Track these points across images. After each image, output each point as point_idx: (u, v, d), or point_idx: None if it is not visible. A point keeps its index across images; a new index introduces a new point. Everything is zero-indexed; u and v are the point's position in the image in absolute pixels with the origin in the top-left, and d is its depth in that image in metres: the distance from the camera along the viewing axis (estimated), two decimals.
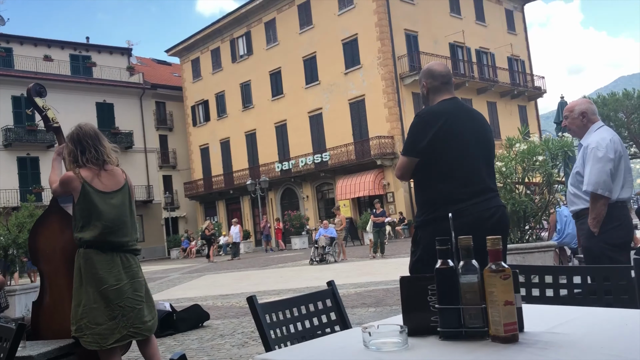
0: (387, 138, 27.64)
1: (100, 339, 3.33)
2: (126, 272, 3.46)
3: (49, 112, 3.95)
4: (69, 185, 3.43)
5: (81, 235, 3.39)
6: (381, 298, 7.80)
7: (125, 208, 3.56)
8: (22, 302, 7.61)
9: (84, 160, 3.47)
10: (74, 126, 3.62)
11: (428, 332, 1.54)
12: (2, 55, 34.19)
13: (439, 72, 2.90)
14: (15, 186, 31.57)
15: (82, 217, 3.40)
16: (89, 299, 3.33)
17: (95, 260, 3.37)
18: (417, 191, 2.88)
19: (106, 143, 3.60)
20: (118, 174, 3.59)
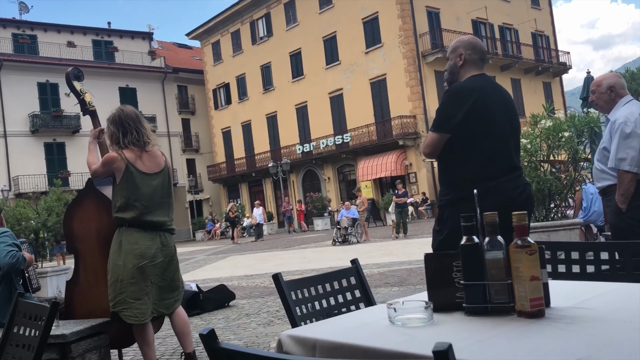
0: (409, 118, 27.41)
1: (139, 313, 3.46)
2: (163, 251, 3.57)
3: (86, 96, 4.04)
4: (112, 166, 3.50)
5: (122, 215, 3.48)
6: (405, 278, 7.81)
7: (165, 189, 3.65)
8: (53, 284, 7.82)
9: (126, 142, 3.54)
10: (115, 109, 3.69)
11: (453, 308, 1.55)
12: (26, 42, 34.65)
13: (480, 46, 2.84)
14: (43, 171, 32.17)
15: (122, 197, 3.48)
16: (128, 275, 3.43)
17: (137, 237, 3.47)
18: (443, 169, 2.81)
19: (146, 124, 3.68)
20: (158, 156, 3.67)
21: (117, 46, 38.13)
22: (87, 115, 4.07)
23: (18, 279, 3.87)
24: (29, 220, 7.65)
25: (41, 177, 31.58)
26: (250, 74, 35.82)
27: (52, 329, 3.36)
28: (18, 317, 2.16)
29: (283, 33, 33.51)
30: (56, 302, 1.96)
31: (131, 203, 3.47)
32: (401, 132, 27.26)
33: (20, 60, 32.83)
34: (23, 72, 32.40)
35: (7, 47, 33.58)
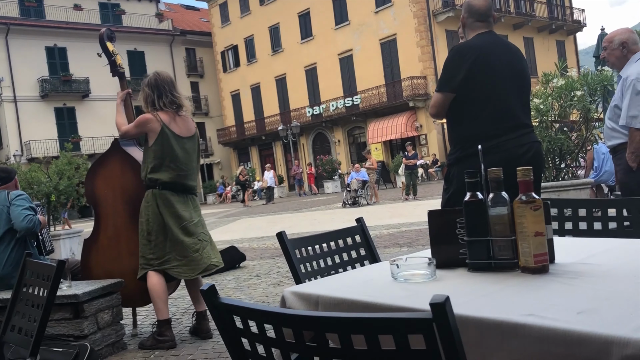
0: (419, 79, 27.07)
1: (188, 269, 3.60)
2: (195, 211, 3.71)
3: (117, 58, 4.05)
4: (146, 126, 3.54)
5: (157, 177, 3.54)
6: (414, 238, 7.85)
7: (195, 154, 3.74)
8: (66, 246, 7.94)
9: (161, 104, 3.60)
10: (152, 72, 3.75)
11: (456, 265, 1.55)
12: (32, 5, 34.32)
13: (477, 7, 2.80)
14: (54, 136, 32.32)
15: (156, 158, 3.53)
16: (174, 234, 3.53)
17: (173, 200, 3.57)
18: (450, 128, 2.83)
19: (180, 91, 3.75)
20: (190, 122, 3.75)
21: (124, 9, 37.70)
22: (116, 77, 4.09)
23: (32, 241, 3.93)
24: (40, 184, 7.72)
25: (52, 141, 31.75)
26: (259, 36, 35.39)
27: (65, 290, 3.45)
28: (27, 277, 2.20)
29: None
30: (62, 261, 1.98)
31: (166, 164, 3.55)
32: (411, 94, 26.97)
33: (27, 24, 32.59)
34: (30, 36, 32.22)
35: (13, 10, 33.31)
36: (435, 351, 0.84)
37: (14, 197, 3.77)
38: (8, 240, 3.73)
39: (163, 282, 3.63)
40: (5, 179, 3.96)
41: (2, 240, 3.71)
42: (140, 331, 4.17)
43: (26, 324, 2.10)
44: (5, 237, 3.72)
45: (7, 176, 4.00)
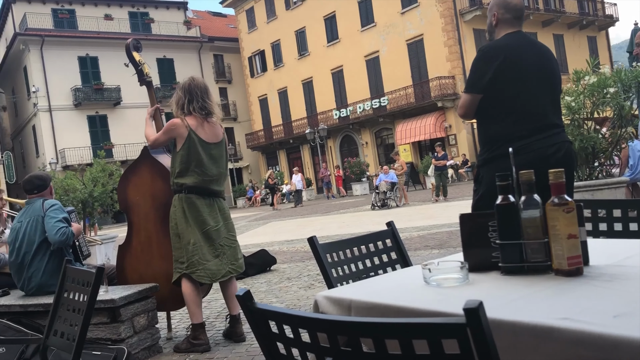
0: (447, 78, 26.84)
1: (210, 273, 3.64)
2: (221, 215, 3.75)
3: (144, 67, 4.12)
4: (175, 131, 3.62)
5: (183, 181, 3.62)
6: (445, 240, 7.79)
7: (222, 161, 3.80)
8: (102, 252, 8.11)
9: (191, 108, 3.66)
10: (187, 77, 3.82)
11: (489, 268, 1.55)
12: (65, 17, 35.19)
13: (514, 4, 2.78)
14: (88, 144, 33.03)
15: (182, 162, 3.61)
16: (197, 238, 3.58)
17: (198, 204, 3.63)
18: (479, 129, 2.82)
19: (212, 98, 3.80)
20: (218, 128, 3.80)
21: (153, 17, 38.36)
22: (144, 86, 4.17)
23: (68, 249, 4.02)
24: (76, 191, 7.92)
25: (86, 149, 32.45)
26: (285, 40, 35.58)
27: (102, 295, 3.53)
28: (67, 283, 2.27)
29: None
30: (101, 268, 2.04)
31: (191, 169, 3.61)
32: (440, 94, 26.76)
33: (60, 35, 33.43)
34: (64, 46, 33.03)
35: (47, 22, 34.20)
36: (470, 356, 0.85)
37: (48, 208, 3.80)
38: (44, 250, 3.79)
39: (196, 286, 3.69)
40: (41, 187, 4.00)
41: (39, 250, 3.78)
42: (175, 335, 4.25)
43: (68, 328, 2.17)
44: (42, 247, 3.78)
45: (42, 184, 4.03)
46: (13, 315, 3.79)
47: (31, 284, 3.84)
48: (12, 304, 3.81)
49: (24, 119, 36.01)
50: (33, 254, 3.80)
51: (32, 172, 4.83)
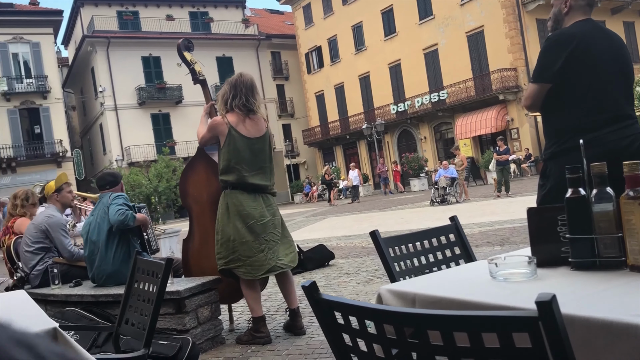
0: (509, 70, 26.09)
1: (252, 269, 3.67)
2: (268, 210, 3.76)
3: (196, 66, 4.24)
4: (217, 129, 3.70)
5: (226, 178, 3.69)
6: (507, 237, 7.59)
7: (265, 155, 3.80)
8: (166, 246, 8.38)
9: (233, 104, 3.71)
10: (237, 73, 3.88)
11: (558, 263, 1.50)
12: (129, 18, 36.48)
13: None
14: (151, 141, 34.15)
15: (225, 159, 3.68)
16: (239, 234, 3.64)
17: (241, 199, 3.67)
18: (546, 121, 2.71)
19: (258, 97, 3.83)
20: (261, 122, 3.81)
21: (212, 17, 39.17)
22: (198, 84, 4.28)
23: (135, 239, 4.19)
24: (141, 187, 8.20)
25: (149, 146, 33.54)
26: (342, 35, 35.55)
27: (168, 286, 3.64)
28: (138, 273, 2.36)
29: None
30: (170, 259, 2.12)
31: (232, 166, 3.65)
32: (501, 87, 26.05)
33: (125, 36, 34.68)
34: (128, 47, 34.25)
35: (112, 24, 35.55)
36: (542, 350, 0.83)
37: (113, 198, 4.05)
38: (113, 239, 4.02)
39: (254, 281, 3.74)
40: (113, 183, 4.27)
41: (108, 239, 4.00)
42: (237, 327, 4.34)
43: (138, 317, 2.26)
44: (110, 236, 4.01)
45: (114, 180, 4.30)
46: (85, 304, 3.99)
47: (101, 273, 4.04)
48: (85, 294, 4.01)
49: (91, 118, 37.62)
50: (103, 243, 4.00)
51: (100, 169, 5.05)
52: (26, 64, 31.32)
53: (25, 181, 23.98)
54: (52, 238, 4.49)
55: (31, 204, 5.22)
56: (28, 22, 31.07)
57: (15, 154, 30.09)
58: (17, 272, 4.72)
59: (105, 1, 36.11)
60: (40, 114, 31.31)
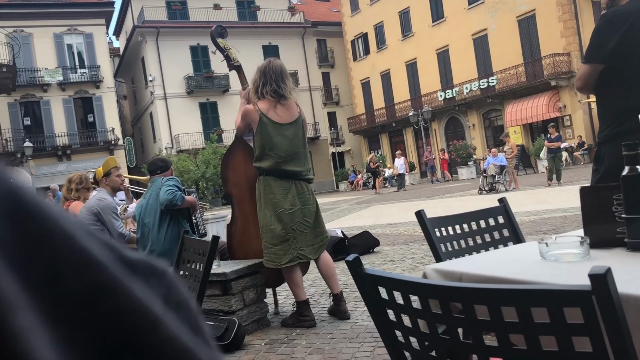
0: (562, 55, 25.22)
1: (275, 258, 3.70)
2: (299, 198, 3.75)
3: (230, 52, 4.26)
4: (249, 117, 3.73)
5: (259, 164, 3.72)
6: (558, 225, 7.38)
7: (299, 140, 3.79)
8: (213, 230, 8.55)
9: (264, 91, 3.73)
10: (267, 59, 3.90)
11: (613, 244, 1.44)
12: (178, 8, 37.07)
13: None
14: (199, 129, 34.77)
15: (258, 146, 3.71)
16: (267, 221, 3.67)
17: (273, 187, 3.69)
18: (600, 103, 2.62)
19: (288, 82, 3.83)
20: (293, 107, 3.81)
21: (258, 5, 39.38)
22: (233, 70, 4.30)
23: (184, 221, 4.30)
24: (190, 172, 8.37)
25: (198, 134, 34.16)
26: (389, 22, 35.12)
27: (214, 268, 3.72)
28: (185, 252, 2.41)
29: None
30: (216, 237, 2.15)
31: (266, 152, 3.68)
32: (553, 72, 25.22)
33: (173, 26, 35.31)
34: (176, 37, 34.87)
35: (162, 14, 36.22)
36: (595, 326, 0.80)
37: (165, 180, 4.21)
38: (165, 218, 4.15)
39: (295, 267, 3.76)
40: (164, 168, 4.42)
41: (161, 221, 4.12)
42: (282, 310, 4.39)
43: None
44: (162, 217, 4.12)
45: (164, 165, 4.45)
46: None
47: (153, 253, 4.16)
48: None
49: (142, 107, 38.56)
50: (156, 224, 4.12)
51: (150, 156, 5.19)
52: (80, 54, 32.32)
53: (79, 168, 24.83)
54: (104, 220, 4.64)
55: (85, 188, 5.42)
56: (81, 14, 32.03)
57: (70, 141, 31.19)
58: None
59: None
60: (93, 103, 32.31)
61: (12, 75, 25.62)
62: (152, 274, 0.30)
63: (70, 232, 0.26)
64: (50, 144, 30.86)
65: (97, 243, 0.27)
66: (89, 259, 0.26)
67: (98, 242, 0.27)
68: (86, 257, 0.26)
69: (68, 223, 0.26)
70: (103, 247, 0.27)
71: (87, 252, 0.26)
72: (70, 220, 0.26)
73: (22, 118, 30.61)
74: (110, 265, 0.26)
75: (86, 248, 0.26)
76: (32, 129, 30.55)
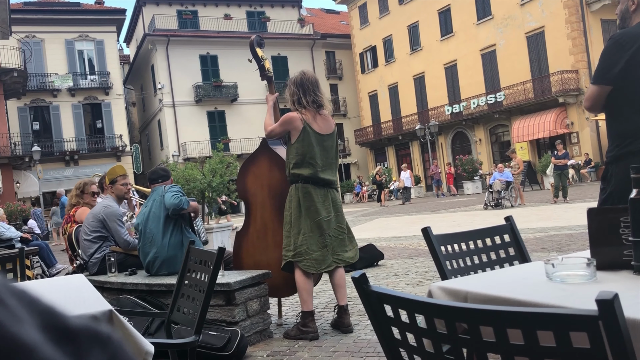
0: (570, 73, 25.22)
1: (316, 263, 3.76)
2: (334, 206, 3.85)
3: (266, 63, 4.31)
4: (291, 124, 3.78)
5: (299, 172, 3.77)
6: (564, 243, 7.35)
7: (334, 151, 3.91)
8: (218, 239, 8.56)
9: (306, 102, 3.78)
10: (298, 72, 3.97)
11: (620, 267, 1.44)
12: (189, 17, 37.38)
13: None
14: (207, 138, 34.91)
15: (297, 154, 3.76)
16: (308, 228, 3.72)
17: (314, 194, 3.76)
18: (609, 123, 2.63)
19: (322, 91, 3.96)
20: (330, 119, 3.93)
21: (269, 16, 39.66)
22: (264, 81, 4.37)
23: (187, 228, 4.31)
24: (196, 181, 8.40)
25: (205, 143, 34.30)
26: (397, 35, 35.27)
27: (219, 278, 3.72)
28: (191, 262, 2.42)
29: None
30: (222, 248, 2.16)
31: (307, 160, 3.74)
32: (561, 89, 25.21)
33: (184, 35, 35.58)
34: (187, 45, 35.12)
35: (172, 23, 36.52)
36: (601, 351, 0.80)
37: (168, 187, 4.25)
38: (169, 225, 4.16)
39: (308, 274, 3.78)
40: (165, 177, 4.46)
41: (165, 227, 4.14)
42: (285, 321, 4.38)
43: (190, 305, 2.32)
44: (167, 222, 4.14)
45: (165, 174, 4.50)
46: (139, 292, 4.11)
47: (157, 261, 4.18)
48: (139, 283, 4.14)
49: (150, 114, 38.76)
50: (160, 231, 4.13)
51: (157, 163, 5.23)
52: (90, 61, 32.60)
53: (87, 173, 24.97)
54: (109, 227, 4.66)
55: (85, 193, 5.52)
56: (93, 21, 32.35)
57: (78, 147, 31.39)
58: (76, 259, 4.92)
59: (166, 0, 37.10)
60: (102, 109, 32.54)
61: (23, 80, 25.85)
62: (95, 341, 0.29)
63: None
64: (58, 148, 31.06)
65: (30, 322, 0.26)
66: (18, 344, 0.25)
67: (34, 319, 0.26)
68: (15, 343, 0.25)
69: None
70: (41, 320, 0.26)
71: (16, 338, 0.25)
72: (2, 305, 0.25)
73: (32, 122, 30.86)
74: (41, 347, 0.25)
75: (15, 334, 0.25)
76: (41, 133, 30.78)
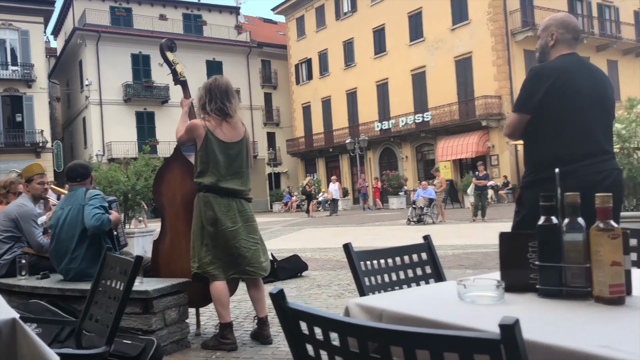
0: (494, 98, 26.47)
1: (222, 271, 3.67)
2: (241, 216, 3.72)
3: (178, 67, 4.22)
4: (195, 132, 3.68)
5: (201, 180, 3.67)
6: (480, 261, 7.65)
7: (242, 159, 3.78)
8: (139, 244, 8.29)
9: (210, 109, 3.69)
10: (212, 77, 3.87)
11: (526, 289, 1.52)
12: (122, 14, 36.28)
13: (574, 25, 2.74)
14: (134, 139, 33.86)
15: (201, 162, 3.67)
16: (210, 239, 3.62)
17: (214, 204, 3.64)
18: (526, 150, 2.77)
19: (234, 100, 3.81)
20: (238, 127, 3.80)
21: (205, 20, 39.15)
22: (178, 85, 4.26)
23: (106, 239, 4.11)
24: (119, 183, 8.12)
25: (132, 143, 33.24)
26: (333, 50, 35.78)
27: (137, 286, 3.60)
28: (106, 270, 2.32)
29: (367, 9, 33.11)
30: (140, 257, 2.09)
31: (210, 169, 3.64)
32: (485, 113, 26.40)
33: (116, 32, 34.46)
34: (118, 43, 34.02)
35: (104, 19, 35.33)
36: None
37: (90, 197, 3.93)
38: (85, 238, 3.91)
39: (224, 287, 3.70)
40: (84, 176, 4.13)
41: (80, 238, 3.91)
42: (204, 332, 4.29)
43: (103, 314, 2.22)
44: (83, 235, 3.90)
45: (85, 172, 4.17)
46: (51, 297, 3.91)
47: (71, 271, 3.96)
48: (51, 287, 3.93)
49: (75, 111, 37.18)
50: (75, 241, 3.91)
51: None
52: (13, 51, 30.89)
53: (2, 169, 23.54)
54: (22, 228, 4.40)
55: (12, 193, 5.11)
56: (19, 9, 30.67)
57: None
58: None
59: None
60: (23, 102, 30.86)
61: None
62: None
63: None
64: None
65: None
66: None
67: None
68: None
69: None
70: None
71: None
72: None
73: None
74: None
75: None
76: None
